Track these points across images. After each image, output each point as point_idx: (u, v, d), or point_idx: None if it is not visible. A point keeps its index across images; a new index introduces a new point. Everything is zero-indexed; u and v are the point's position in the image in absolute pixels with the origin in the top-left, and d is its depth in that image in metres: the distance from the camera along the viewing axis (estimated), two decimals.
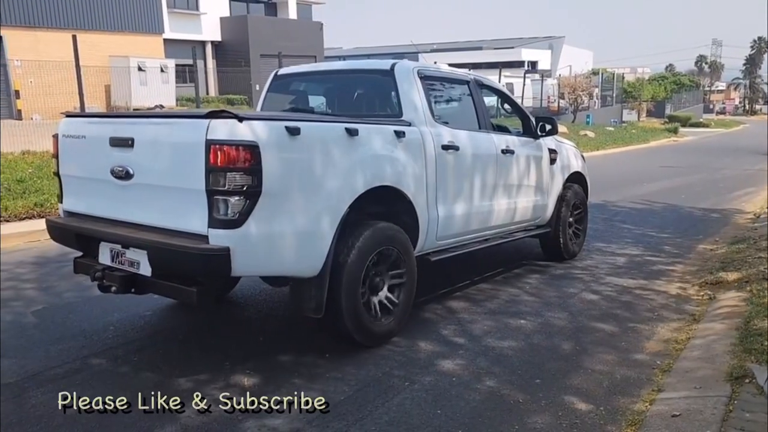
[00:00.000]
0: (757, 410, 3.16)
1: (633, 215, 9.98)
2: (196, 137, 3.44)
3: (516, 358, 4.20)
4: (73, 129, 4.28)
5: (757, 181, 14.81)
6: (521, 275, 6.33)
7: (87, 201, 4.25)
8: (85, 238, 4.20)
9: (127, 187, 3.85)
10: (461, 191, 5.13)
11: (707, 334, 4.45)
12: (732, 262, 6.45)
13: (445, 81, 5.59)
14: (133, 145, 3.78)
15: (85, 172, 4.22)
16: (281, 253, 3.68)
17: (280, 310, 5.26)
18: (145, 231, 3.80)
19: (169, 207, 3.70)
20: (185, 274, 3.76)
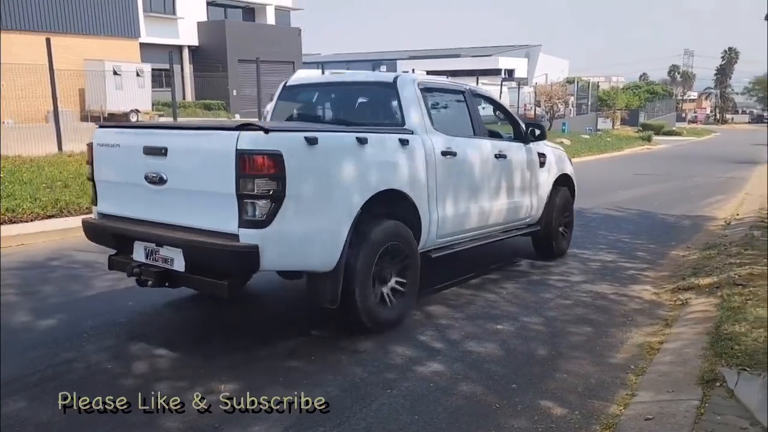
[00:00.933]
0: (728, 413, 3.22)
1: (608, 222, 10.12)
2: (227, 147, 3.82)
3: (493, 363, 4.23)
4: (107, 138, 4.69)
5: (728, 188, 15.13)
6: (498, 281, 6.38)
7: (121, 204, 4.63)
8: (120, 238, 4.58)
9: (161, 191, 4.23)
10: (459, 193, 5.51)
11: (680, 339, 4.53)
12: (703, 268, 6.57)
13: (443, 91, 6.01)
14: (167, 154, 4.16)
15: (119, 178, 4.62)
16: (302, 250, 4.10)
17: (256, 315, 5.22)
18: (178, 231, 4.18)
19: (201, 209, 4.08)
20: (218, 269, 4.13)
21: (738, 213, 10.73)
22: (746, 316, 4.49)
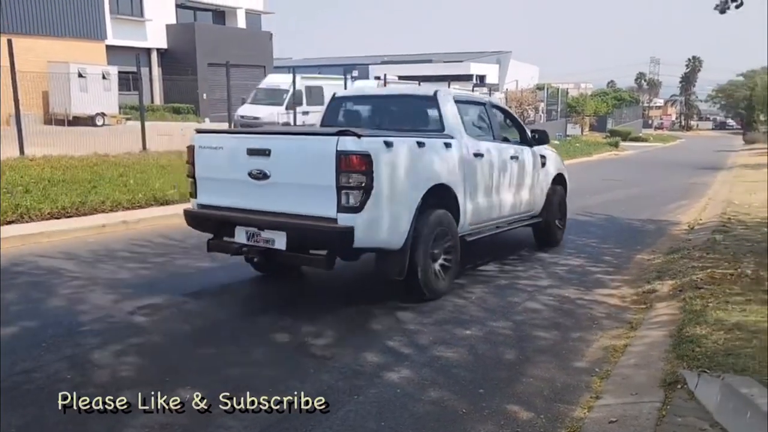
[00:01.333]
0: (689, 414, 3.28)
1: (576, 227, 10.23)
2: (328, 149, 4.76)
3: (461, 368, 4.23)
4: (209, 142, 5.62)
5: (692, 193, 15.48)
6: (467, 285, 6.40)
7: (222, 196, 5.53)
8: (221, 224, 5.50)
9: (263, 185, 5.13)
10: (485, 188, 6.53)
11: (644, 342, 4.60)
12: (667, 272, 6.70)
13: (469, 103, 7.01)
14: (270, 155, 5.08)
15: (221, 175, 5.48)
16: (382, 231, 5.03)
17: (225, 322, 5.15)
18: (280, 217, 5.08)
19: (301, 199, 5.00)
20: (318, 247, 5.15)
21: (701, 218, 10.96)
22: (707, 318, 4.58)
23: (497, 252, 8.04)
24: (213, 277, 6.49)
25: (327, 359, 4.32)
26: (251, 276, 6.55)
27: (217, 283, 6.26)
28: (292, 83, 20.89)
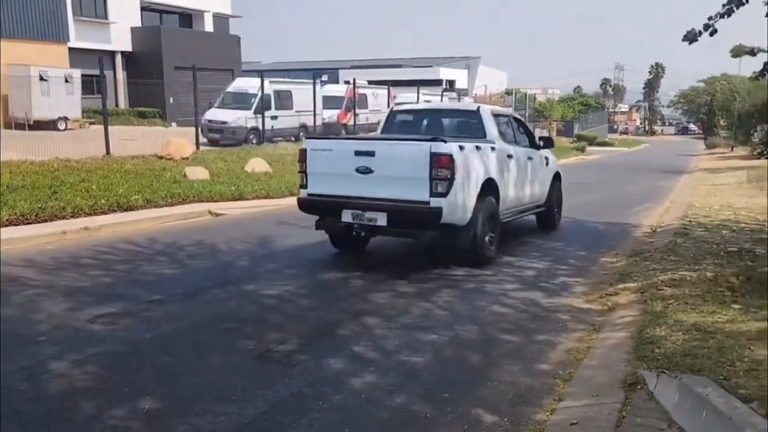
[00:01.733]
0: (648, 415, 3.33)
1: (542, 230, 10.35)
2: (424, 150, 6.50)
3: (426, 373, 4.24)
4: (319, 145, 7.37)
5: (655, 197, 15.79)
6: (434, 290, 6.42)
7: (329, 187, 7.06)
8: (328, 208, 7.12)
9: (367, 178, 6.74)
10: (513, 182, 8.22)
11: (606, 344, 4.66)
12: (630, 274, 6.81)
13: (500, 115, 8.82)
14: (374, 155, 6.74)
15: (331, 170, 7.06)
16: (458, 211, 6.69)
17: (188, 330, 5.06)
18: (382, 201, 6.71)
19: (399, 188, 6.63)
20: (412, 224, 6.81)
21: (663, 220, 11.19)
22: (667, 320, 4.67)
23: None
24: (176, 284, 6.39)
25: (292, 366, 4.28)
26: (216, 283, 6.48)
27: (181, 291, 6.16)
28: (260, 87, 20.76)
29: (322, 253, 8.01)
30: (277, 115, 21.99)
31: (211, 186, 12.89)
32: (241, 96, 22.20)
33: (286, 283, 6.58)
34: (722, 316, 4.66)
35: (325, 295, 6.24)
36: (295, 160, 17.53)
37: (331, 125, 25.44)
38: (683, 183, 20.24)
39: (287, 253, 8.11)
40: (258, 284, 6.51)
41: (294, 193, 13.60)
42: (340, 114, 26.23)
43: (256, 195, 13.00)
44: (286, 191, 13.60)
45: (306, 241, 8.78)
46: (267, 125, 21.05)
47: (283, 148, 19.58)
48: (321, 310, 5.70)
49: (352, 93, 26.08)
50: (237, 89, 22.84)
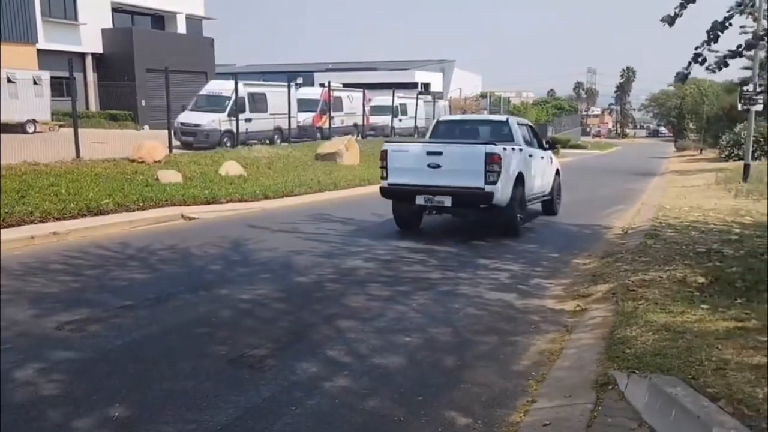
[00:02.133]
0: (619, 415, 3.37)
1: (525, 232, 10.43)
2: (480, 151, 8.72)
3: (400, 376, 4.23)
4: (397, 147, 9.68)
5: (627, 199, 16.03)
6: (409, 293, 6.42)
7: (405, 178, 9.27)
8: (405, 194, 9.31)
9: (436, 172, 8.91)
10: (533, 175, 10.47)
11: (578, 345, 4.71)
12: (602, 276, 6.89)
13: (521, 124, 11.31)
14: (442, 154, 8.91)
15: (407, 165, 9.24)
16: (503, 195, 8.85)
17: (159, 335, 4.98)
18: (446, 188, 8.88)
19: (461, 178, 8.81)
20: (470, 205, 9.17)
21: (634, 222, 11.35)
22: (637, 320, 4.72)
23: (442, 257, 8.12)
24: (148, 289, 6.29)
25: (264, 371, 4.24)
26: (188, 288, 6.40)
27: (152, 296, 6.07)
28: (234, 90, 20.59)
29: (296, 257, 7.96)
30: (251, 118, 21.82)
31: (184, 189, 12.74)
32: (214, 98, 21.98)
33: (260, 287, 6.52)
34: (691, 316, 4.73)
35: (299, 299, 6.19)
36: (269, 163, 17.55)
37: (306, 128, 25.35)
38: (654, 185, 20.58)
39: (261, 256, 8.04)
40: (231, 288, 6.44)
41: (268, 197, 13.59)
42: (315, 117, 26.14)
43: (230, 198, 12.88)
44: (260, 194, 13.51)
45: (280, 244, 8.72)
46: (241, 128, 20.87)
47: (258, 151, 19.43)
48: (295, 314, 5.66)
49: (327, 96, 26.02)
50: (210, 92, 22.62)
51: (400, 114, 32.56)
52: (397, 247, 8.81)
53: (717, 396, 3.18)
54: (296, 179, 15.94)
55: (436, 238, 9.61)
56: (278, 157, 19.05)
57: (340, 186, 16.35)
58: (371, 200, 14.71)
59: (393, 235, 9.87)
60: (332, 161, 19.95)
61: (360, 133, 27.93)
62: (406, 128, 32.71)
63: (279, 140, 23.11)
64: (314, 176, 16.79)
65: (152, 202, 11.39)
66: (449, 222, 11.31)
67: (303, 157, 19.94)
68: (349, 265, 7.68)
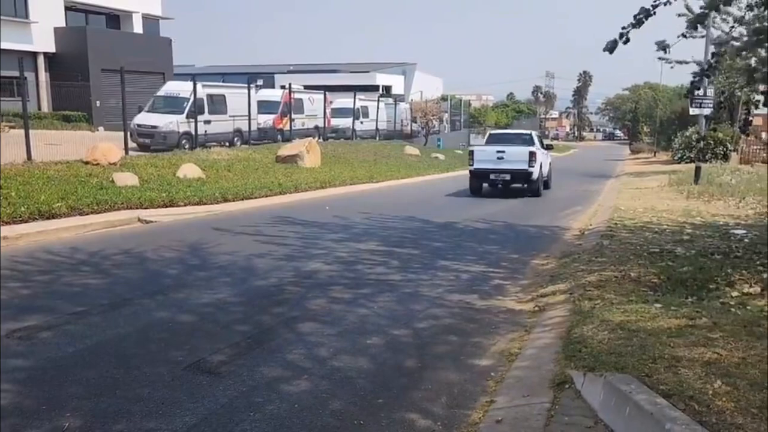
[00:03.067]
0: (575, 413, 3.42)
1: (476, 234, 10.56)
2: (526, 150, 17.02)
3: (361, 379, 4.21)
4: (479, 148, 17.84)
5: (584, 200, 16.37)
6: (371, 295, 6.41)
7: (483, 164, 16.86)
8: (484, 174, 16.98)
9: (501, 160, 16.80)
10: (543, 165, 17.70)
11: (537, 344, 4.77)
12: (560, 276, 7.01)
13: (537, 135, 19.54)
14: (505, 152, 16.87)
15: (484, 158, 16.93)
16: (536, 175, 16.90)
17: (113, 342, 4.85)
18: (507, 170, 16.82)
19: (515, 164, 16.72)
20: (520, 180, 16.94)
21: (591, 223, 11.60)
22: (593, 320, 4.81)
23: (404, 259, 8.14)
24: (102, 295, 6.13)
25: (222, 376, 4.17)
26: (144, 292, 6.26)
27: (106, 301, 5.91)
28: (193, 91, 20.24)
29: (257, 261, 7.87)
30: (210, 120, 21.48)
31: (140, 192, 12.48)
32: (172, 100, 21.53)
33: (219, 291, 6.43)
34: (645, 314, 4.84)
35: (260, 302, 6.11)
36: (229, 165, 17.34)
37: (266, 130, 25.08)
38: (610, 187, 21.04)
39: (220, 260, 7.92)
40: (189, 293, 6.33)
41: (228, 200, 13.43)
42: (275, 119, 25.88)
43: (189, 201, 12.68)
44: (219, 197, 13.34)
45: (240, 247, 8.61)
46: (200, 130, 20.51)
47: (217, 153, 19.16)
48: (254, 318, 5.59)
49: (288, 98, 25.82)
50: (168, 93, 22.16)
51: (362, 116, 32.53)
52: (360, 250, 8.80)
53: (669, 393, 3.26)
54: (256, 182, 15.79)
55: (398, 241, 9.63)
56: (238, 159, 18.83)
57: (302, 188, 16.26)
58: (333, 203, 14.71)
59: (355, 237, 9.86)
60: (293, 163, 19.84)
61: (321, 136, 27.79)
62: (368, 131, 32.71)
63: (239, 142, 22.81)
64: (275, 179, 16.66)
65: (107, 206, 11.13)
66: (413, 227, 11.36)
67: (263, 160, 19.76)
68: (310, 267, 7.63)
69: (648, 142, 54.13)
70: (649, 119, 53.37)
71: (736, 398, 3.21)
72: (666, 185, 19.02)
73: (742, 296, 5.35)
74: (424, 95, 43.74)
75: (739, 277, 5.94)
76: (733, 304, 5.11)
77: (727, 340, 4.09)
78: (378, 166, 23.21)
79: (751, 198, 14.04)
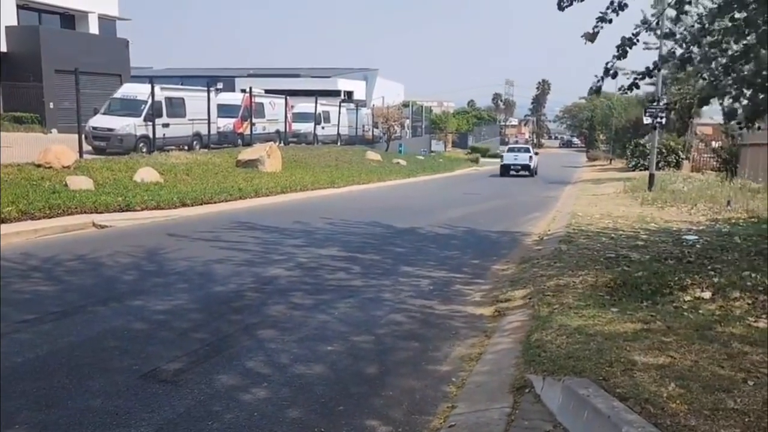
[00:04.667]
0: (535, 417, 3.45)
1: (438, 239, 10.61)
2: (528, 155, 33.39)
3: (321, 386, 4.17)
4: (505, 154, 34.45)
5: (543, 206, 16.64)
6: (332, 301, 6.37)
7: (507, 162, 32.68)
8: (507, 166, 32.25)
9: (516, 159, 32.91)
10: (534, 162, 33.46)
11: (497, 349, 4.81)
12: (520, 281, 7.09)
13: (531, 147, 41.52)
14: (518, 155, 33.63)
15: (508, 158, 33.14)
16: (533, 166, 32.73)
17: (65, 350, 4.69)
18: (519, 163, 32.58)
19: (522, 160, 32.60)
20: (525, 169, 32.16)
21: (549, 229, 11.79)
22: (552, 324, 4.88)
23: (365, 265, 8.12)
24: (53, 302, 5.93)
25: (180, 385, 4.07)
26: (98, 300, 6.09)
27: (58, 309, 5.72)
28: (150, 93, 19.85)
29: (215, 266, 7.74)
30: (168, 123, 21.07)
31: (95, 196, 12.15)
32: (129, 102, 21.06)
33: (176, 297, 6.29)
34: (602, 319, 4.93)
35: (218, 309, 6.00)
36: (187, 170, 17.05)
37: (226, 134, 24.76)
38: (568, 193, 21.47)
39: (178, 266, 7.77)
40: (145, 299, 6.18)
41: (186, 204, 13.20)
42: (236, 123, 25.57)
43: (146, 206, 12.41)
44: (178, 202, 13.09)
45: (198, 253, 8.46)
46: (158, 133, 20.11)
47: (176, 157, 18.81)
48: (212, 325, 5.49)
49: (249, 101, 25.55)
50: (125, 95, 21.66)
51: (323, 121, 32.43)
52: (321, 255, 8.74)
53: (625, 396, 3.32)
54: (216, 186, 15.56)
55: (360, 247, 9.61)
56: (197, 163, 18.54)
57: (262, 193, 16.09)
58: (294, 208, 14.61)
59: (316, 243, 9.80)
60: (254, 168, 19.63)
61: (282, 140, 27.59)
62: (329, 135, 32.61)
63: (198, 146, 22.45)
64: (235, 183, 16.45)
65: (60, 210, 10.81)
66: (376, 232, 11.36)
67: (223, 164, 19.50)
68: (270, 273, 7.54)
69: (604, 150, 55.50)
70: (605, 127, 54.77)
71: (689, 401, 3.29)
72: (621, 192, 19.51)
73: (694, 300, 5.49)
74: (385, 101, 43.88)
75: (692, 281, 6.11)
76: (686, 308, 5.25)
77: (681, 344, 4.20)
78: (340, 171, 23.16)
79: (702, 204, 14.51)
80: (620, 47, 6.41)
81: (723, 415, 3.13)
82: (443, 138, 51.25)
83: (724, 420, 3.08)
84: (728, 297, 5.51)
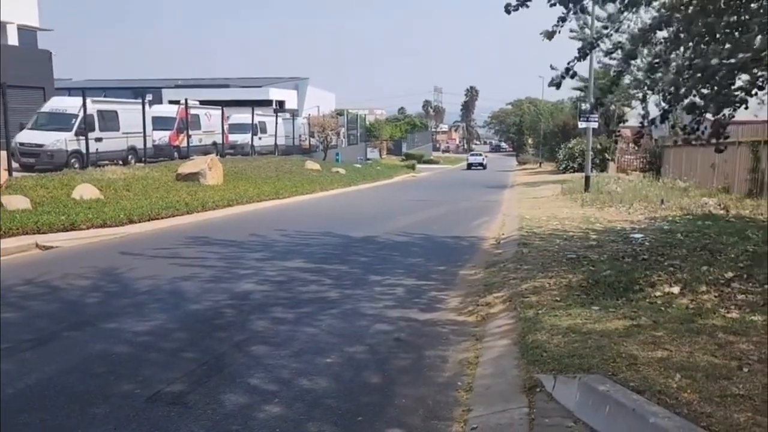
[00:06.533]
0: (554, 415, 3.58)
1: (398, 247, 10.70)
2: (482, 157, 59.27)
3: (333, 399, 4.16)
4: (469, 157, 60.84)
5: (489, 211, 17.08)
6: (313, 313, 6.34)
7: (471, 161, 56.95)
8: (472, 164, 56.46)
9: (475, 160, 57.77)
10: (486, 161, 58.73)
11: (493, 352, 4.93)
12: (493, 285, 7.27)
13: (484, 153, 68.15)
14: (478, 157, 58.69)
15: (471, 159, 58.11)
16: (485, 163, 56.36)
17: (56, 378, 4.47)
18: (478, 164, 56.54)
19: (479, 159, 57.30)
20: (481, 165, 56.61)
21: (503, 232, 12.12)
22: (543, 325, 5.05)
23: (334, 276, 8.10)
24: (21, 330, 5.63)
25: (189, 407, 3.97)
26: (70, 324, 5.83)
27: (31, 336, 5.43)
28: (82, 107, 19.05)
29: (183, 284, 7.54)
30: (101, 137, 20.27)
31: (35, 216, 11.58)
32: (58, 116, 20.10)
33: (152, 318, 6.10)
34: (588, 317, 5.15)
35: (201, 327, 5.86)
36: (127, 185, 16.45)
37: (162, 147, 24.04)
38: (508, 197, 22.10)
39: (142, 285, 7.52)
40: (120, 321, 5.96)
41: (134, 221, 12.76)
42: (171, 135, 24.89)
43: (91, 224, 11.91)
44: (124, 218, 12.65)
45: (159, 271, 8.21)
46: (91, 148, 19.31)
47: (112, 172, 18.12)
48: (200, 343, 5.36)
49: (185, 113, 24.94)
50: (54, 109, 20.66)
51: (260, 132, 32.00)
52: (287, 268, 8.66)
53: (640, 389, 3.51)
54: (160, 201, 15.10)
55: (323, 258, 9.58)
56: (135, 178, 17.93)
57: (209, 207, 15.75)
58: (245, 220, 14.38)
59: (279, 255, 9.70)
60: (195, 181, 19.16)
61: (219, 152, 27.05)
62: (266, 146, 32.20)
63: (133, 160, 21.69)
64: (179, 198, 16.01)
65: None
66: (335, 242, 11.35)
67: (163, 178, 18.95)
68: (242, 288, 7.42)
69: (533, 154, 57.50)
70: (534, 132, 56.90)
71: (697, 389, 3.51)
72: (559, 194, 20.24)
73: (665, 295, 5.81)
74: (320, 110, 43.80)
75: (658, 278, 6.45)
76: (660, 304, 5.54)
77: (672, 337, 4.45)
78: (282, 182, 22.93)
79: (638, 204, 15.27)
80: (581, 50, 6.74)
81: (732, 401, 3.36)
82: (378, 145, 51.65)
83: (734, 405, 3.31)
84: (696, 291, 5.87)
